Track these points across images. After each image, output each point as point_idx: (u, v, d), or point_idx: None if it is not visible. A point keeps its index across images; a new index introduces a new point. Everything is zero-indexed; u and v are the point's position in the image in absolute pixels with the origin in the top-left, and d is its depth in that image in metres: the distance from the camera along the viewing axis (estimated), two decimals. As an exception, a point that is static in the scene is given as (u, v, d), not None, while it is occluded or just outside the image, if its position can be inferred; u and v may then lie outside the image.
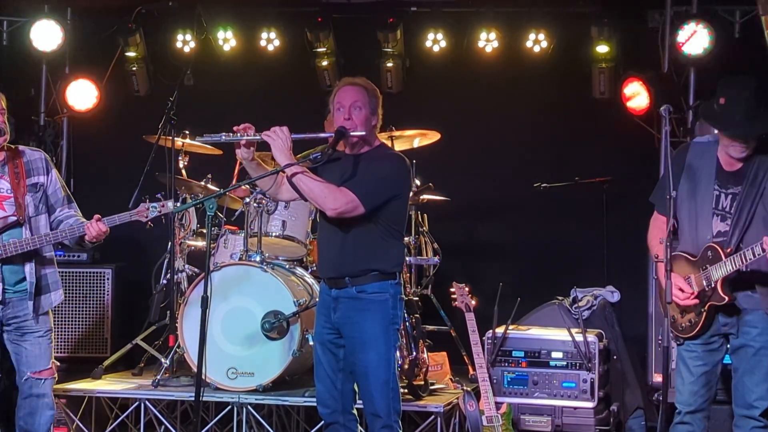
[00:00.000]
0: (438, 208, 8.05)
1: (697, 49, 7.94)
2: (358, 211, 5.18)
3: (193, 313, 6.75)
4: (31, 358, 5.77)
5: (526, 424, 6.51)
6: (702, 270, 5.17)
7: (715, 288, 5.13)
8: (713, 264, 5.14)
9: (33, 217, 5.79)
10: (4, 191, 5.75)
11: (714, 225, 5.22)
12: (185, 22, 9.00)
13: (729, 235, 5.17)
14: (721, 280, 5.10)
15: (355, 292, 5.26)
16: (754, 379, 5.21)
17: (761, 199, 5.16)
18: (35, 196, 5.81)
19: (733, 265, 5.05)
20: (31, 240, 5.71)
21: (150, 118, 7.67)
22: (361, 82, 5.40)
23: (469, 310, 6.60)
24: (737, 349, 5.27)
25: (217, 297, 6.48)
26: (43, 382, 5.79)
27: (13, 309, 5.73)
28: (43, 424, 5.80)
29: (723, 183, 5.22)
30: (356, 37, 9.08)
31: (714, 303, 5.16)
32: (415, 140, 7.65)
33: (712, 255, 5.15)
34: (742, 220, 5.16)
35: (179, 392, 6.91)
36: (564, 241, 8.84)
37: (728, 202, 5.22)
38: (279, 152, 5.16)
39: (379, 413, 5.27)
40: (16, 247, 5.67)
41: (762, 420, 5.24)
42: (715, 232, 5.21)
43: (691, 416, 5.26)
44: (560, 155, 8.83)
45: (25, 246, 5.68)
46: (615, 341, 7.15)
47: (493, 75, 8.86)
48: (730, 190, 5.22)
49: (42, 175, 5.86)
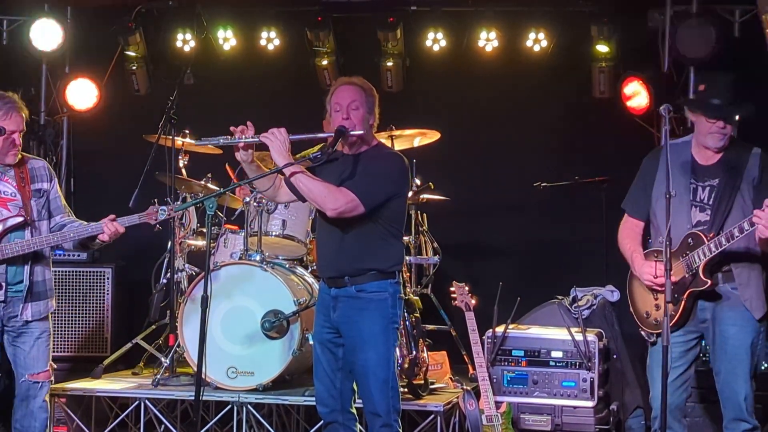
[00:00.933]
0: (438, 208, 8.05)
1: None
2: (358, 210, 5.19)
3: (192, 312, 6.76)
4: (29, 360, 5.79)
5: (526, 423, 6.51)
6: (682, 257, 5.20)
7: (697, 273, 5.16)
8: (694, 250, 5.16)
9: (36, 221, 5.82)
10: (9, 194, 5.79)
11: (693, 215, 5.27)
12: (185, 22, 9.00)
13: (710, 223, 5.23)
14: (703, 264, 5.15)
15: (355, 292, 5.27)
16: (738, 380, 5.23)
17: (740, 189, 5.24)
18: (39, 201, 5.85)
19: (717, 245, 5.10)
20: (34, 241, 5.73)
21: (150, 117, 7.68)
22: (357, 81, 5.40)
23: (469, 309, 6.60)
24: (716, 351, 5.28)
25: (217, 296, 6.49)
26: (40, 385, 5.80)
27: (13, 309, 5.74)
28: (37, 427, 5.82)
29: (699, 177, 5.29)
30: (356, 37, 9.09)
31: (694, 289, 5.18)
32: (414, 139, 7.65)
33: (693, 241, 5.20)
34: (722, 210, 5.23)
35: (179, 391, 6.91)
36: (564, 241, 8.85)
37: (706, 194, 5.30)
38: (277, 153, 5.16)
39: (378, 412, 5.27)
40: (21, 247, 5.69)
41: (751, 421, 5.25)
42: (694, 222, 5.26)
43: (670, 417, 5.25)
44: (560, 155, 8.83)
45: (29, 247, 5.71)
46: (615, 340, 7.14)
47: (493, 74, 8.86)
48: (708, 183, 5.31)
49: (46, 182, 5.92)
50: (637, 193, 5.52)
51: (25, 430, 5.82)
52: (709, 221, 5.24)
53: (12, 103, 5.80)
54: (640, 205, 5.49)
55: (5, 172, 5.81)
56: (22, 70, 9.07)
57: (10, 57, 8.96)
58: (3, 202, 5.77)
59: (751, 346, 5.24)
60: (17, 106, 5.80)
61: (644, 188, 5.45)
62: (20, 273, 5.74)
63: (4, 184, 5.80)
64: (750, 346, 5.24)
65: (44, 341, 5.82)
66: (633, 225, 5.52)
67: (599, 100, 8.69)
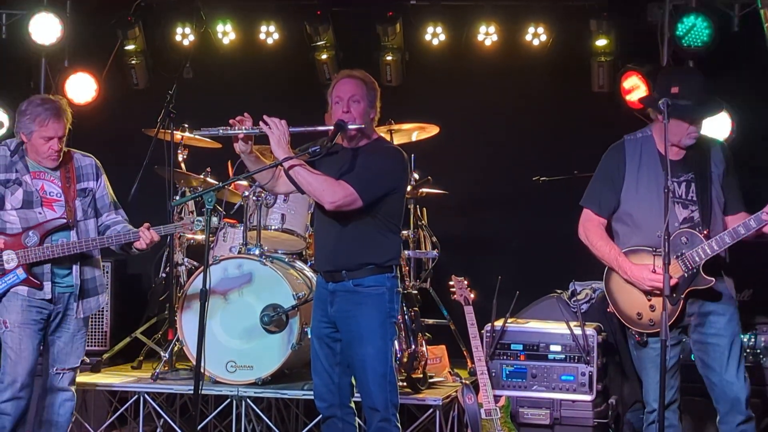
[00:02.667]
0: (437, 202, 8.05)
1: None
2: (356, 204, 5.19)
3: (192, 306, 6.76)
4: (62, 354, 5.90)
5: (525, 417, 6.51)
6: (677, 257, 5.19)
7: (698, 271, 5.16)
8: (692, 248, 5.16)
9: (81, 221, 5.88)
10: (54, 194, 5.85)
11: (678, 213, 5.26)
12: (184, 16, 8.99)
13: (699, 219, 5.24)
14: (703, 263, 5.18)
15: (352, 286, 5.27)
16: (731, 371, 5.25)
17: (712, 183, 5.28)
18: (84, 201, 5.90)
19: (720, 243, 5.12)
20: (78, 243, 5.79)
21: (149, 111, 7.66)
22: (359, 74, 5.39)
23: (467, 303, 6.60)
24: (706, 345, 5.30)
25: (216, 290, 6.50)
26: (62, 376, 5.90)
27: (60, 306, 5.84)
28: (62, 414, 5.93)
29: (673, 172, 5.26)
30: (355, 31, 9.08)
31: (695, 288, 5.19)
32: (413, 134, 7.65)
33: (688, 239, 5.18)
34: (706, 203, 5.26)
35: (178, 385, 6.92)
36: (563, 235, 8.74)
37: (683, 190, 5.31)
38: (277, 144, 5.16)
39: (377, 407, 5.28)
40: (64, 249, 5.75)
41: (746, 412, 5.27)
42: (681, 219, 5.25)
43: (665, 411, 5.27)
44: (559, 149, 8.81)
45: (72, 249, 5.77)
46: (613, 334, 7.15)
47: (492, 69, 8.85)
48: (682, 178, 5.31)
49: (92, 181, 5.97)
50: (601, 190, 5.48)
51: (51, 418, 5.92)
52: (699, 218, 5.24)
53: (51, 109, 5.77)
54: (607, 203, 5.46)
55: (51, 172, 5.87)
56: (21, 64, 9.06)
57: (10, 51, 8.95)
58: (48, 202, 5.84)
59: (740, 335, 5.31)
60: (55, 113, 5.76)
61: (610, 185, 5.41)
62: (68, 272, 5.83)
63: (49, 185, 5.86)
64: (739, 335, 5.32)
65: (80, 339, 5.94)
66: (599, 224, 5.50)
67: (598, 94, 8.68)
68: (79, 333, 5.93)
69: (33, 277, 5.73)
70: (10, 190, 5.80)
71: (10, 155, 5.85)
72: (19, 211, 5.79)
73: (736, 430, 5.29)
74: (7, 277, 5.72)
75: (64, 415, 5.93)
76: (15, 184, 5.81)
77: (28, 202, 5.80)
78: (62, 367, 5.89)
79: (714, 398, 5.35)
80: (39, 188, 5.83)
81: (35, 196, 5.81)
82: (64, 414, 5.94)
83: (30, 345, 5.74)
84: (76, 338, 5.92)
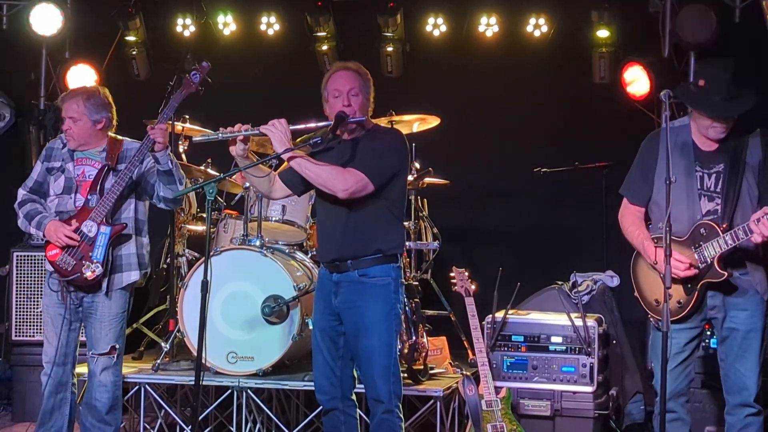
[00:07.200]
0: (438, 193, 8.05)
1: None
2: (368, 188, 5.17)
3: (192, 297, 6.76)
4: (92, 340, 6.01)
5: (526, 408, 6.52)
6: (695, 248, 5.19)
7: (712, 265, 5.15)
8: (708, 240, 5.15)
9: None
10: (91, 177, 5.98)
11: (702, 205, 5.25)
12: (185, 7, 8.99)
13: (721, 213, 5.20)
14: (718, 256, 5.13)
15: (357, 276, 5.25)
16: (746, 364, 5.23)
17: (745, 174, 5.21)
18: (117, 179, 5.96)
19: (734, 239, 5.08)
20: (121, 176, 5.86)
21: (150, 102, 7.64)
22: (353, 66, 5.37)
23: (468, 294, 6.60)
24: (725, 338, 5.28)
25: (217, 281, 6.50)
26: (96, 360, 6.00)
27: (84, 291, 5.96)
28: (98, 399, 6.00)
29: (704, 163, 5.25)
30: (356, 22, 9.07)
31: (709, 280, 5.17)
32: (414, 125, 7.64)
33: (706, 232, 5.17)
34: (731, 197, 5.20)
35: (179, 376, 6.93)
36: (564, 226, 8.84)
37: (712, 182, 5.26)
38: (279, 144, 5.15)
39: (381, 398, 5.27)
40: (113, 190, 5.83)
41: (755, 405, 5.26)
42: (704, 212, 5.24)
43: (673, 402, 5.28)
44: (560, 140, 8.82)
45: (118, 186, 5.84)
46: (614, 326, 7.15)
47: (493, 60, 8.85)
48: (713, 169, 5.27)
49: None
50: (636, 179, 5.49)
51: (91, 403, 6.02)
52: (720, 211, 5.22)
53: (67, 93, 6.12)
54: (640, 191, 5.46)
55: (96, 157, 6.02)
56: (22, 55, 9.06)
57: (11, 42, 8.96)
58: (86, 185, 5.97)
59: (762, 331, 5.25)
60: (66, 95, 6.11)
61: (645, 174, 5.41)
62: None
63: (90, 168, 6.02)
64: (761, 330, 5.25)
65: (107, 323, 5.98)
66: (635, 211, 5.49)
67: (600, 85, 8.67)
68: (104, 318, 5.96)
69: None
70: (54, 177, 6.02)
71: (62, 147, 6.07)
72: (59, 197, 5.98)
73: (742, 422, 5.29)
74: (99, 241, 5.83)
75: (100, 399, 5.99)
76: (59, 172, 6.01)
77: (67, 188, 5.98)
78: (94, 351, 6.00)
79: (725, 389, 5.35)
80: (80, 173, 5.98)
81: (73, 182, 5.96)
82: (100, 398, 5.99)
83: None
84: (104, 324, 5.96)
